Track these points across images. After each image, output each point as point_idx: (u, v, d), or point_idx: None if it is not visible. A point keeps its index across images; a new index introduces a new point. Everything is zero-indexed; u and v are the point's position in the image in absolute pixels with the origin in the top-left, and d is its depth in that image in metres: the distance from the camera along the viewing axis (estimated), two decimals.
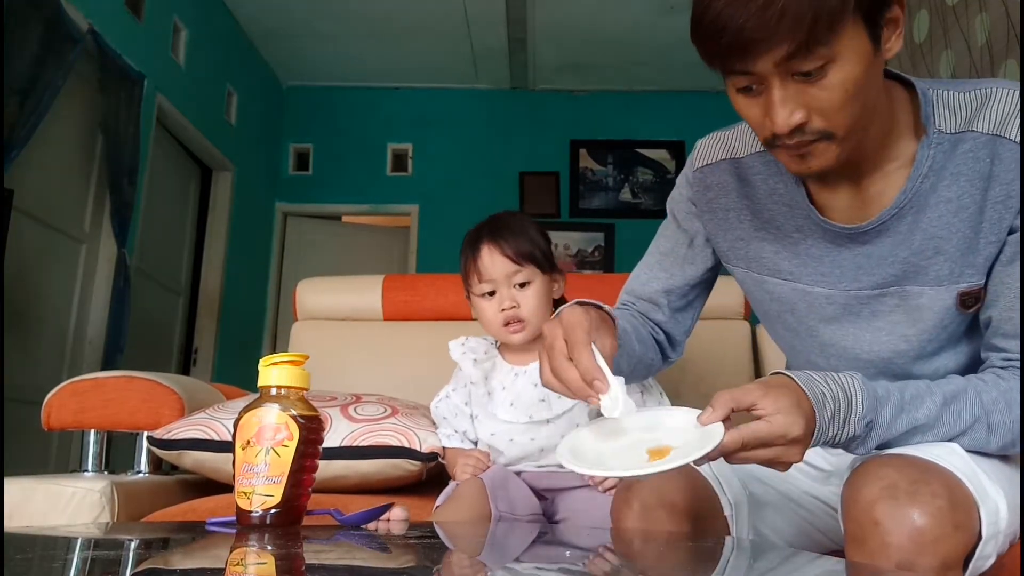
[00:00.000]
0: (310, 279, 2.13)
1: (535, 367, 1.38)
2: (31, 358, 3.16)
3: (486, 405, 1.40)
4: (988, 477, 0.83)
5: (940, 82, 0.91)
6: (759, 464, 0.81)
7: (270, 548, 0.71)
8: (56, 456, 3.32)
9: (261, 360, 0.88)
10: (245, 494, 0.84)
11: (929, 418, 0.86)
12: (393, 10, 4.87)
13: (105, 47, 3.43)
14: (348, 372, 1.90)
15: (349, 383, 1.77)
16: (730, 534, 0.99)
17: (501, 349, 1.46)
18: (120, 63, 3.57)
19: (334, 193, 5.80)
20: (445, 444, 1.44)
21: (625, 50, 5.30)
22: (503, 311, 1.36)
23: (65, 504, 1.31)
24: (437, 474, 1.46)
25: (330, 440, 1.41)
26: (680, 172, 1.13)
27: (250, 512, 0.83)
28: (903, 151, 0.90)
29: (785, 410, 0.78)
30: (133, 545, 0.79)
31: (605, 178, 5.83)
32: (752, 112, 0.84)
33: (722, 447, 0.77)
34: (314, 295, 2.07)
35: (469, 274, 1.40)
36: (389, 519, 0.91)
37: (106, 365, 3.44)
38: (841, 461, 1.07)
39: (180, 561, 0.70)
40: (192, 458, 1.44)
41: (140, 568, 0.65)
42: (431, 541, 0.83)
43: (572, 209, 5.77)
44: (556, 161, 5.82)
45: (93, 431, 1.56)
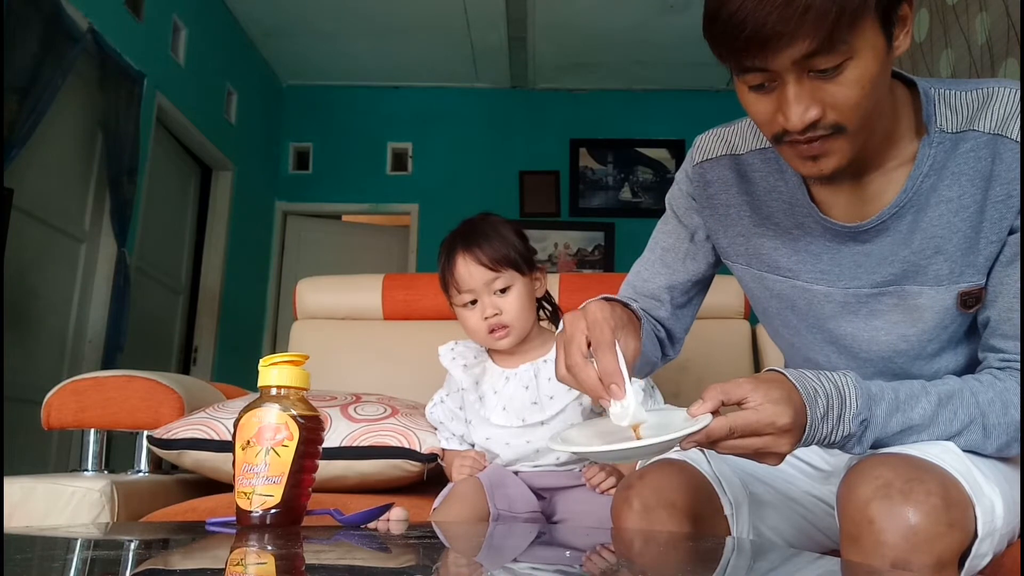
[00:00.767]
0: (310, 278, 2.13)
1: (524, 369, 1.39)
2: (31, 357, 3.16)
3: (479, 410, 1.40)
4: (984, 476, 0.83)
5: (942, 81, 0.91)
6: (749, 456, 0.81)
7: (270, 548, 0.71)
8: (56, 455, 3.32)
9: (261, 360, 0.88)
10: (245, 494, 0.84)
11: (924, 418, 0.85)
12: (393, 9, 4.87)
13: (105, 46, 3.43)
14: (348, 372, 1.90)
15: (349, 383, 1.77)
16: (730, 534, 0.99)
17: (491, 353, 1.46)
18: (120, 62, 3.56)
19: (334, 192, 5.80)
20: (444, 446, 1.44)
21: (625, 49, 5.30)
22: (486, 319, 1.36)
23: (65, 503, 1.31)
24: (438, 475, 1.46)
25: (330, 440, 1.41)
26: (677, 169, 1.13)
27: (250, 512, 0.83)
28: (904, 150, 0.89)
29: (774, 400, 0.78)
30: (133, 545, 0.79)
31: (605, 177, 5.83)
32: (762, 108, 0.82)
33: (708, 430, 0.77)
34: (314, 294, 2.07)
35: (448, 286, 1.39)
36: (389, 519, 0.91)
37: (106, 364, 3.44)
38: (839, 461, 1.07)
39: (180, 561, 0.70)
40: (192, 458, 1.44)
41: (140, 568, 0.65)
42: (431, 541, 0.83)
43: (572, 208, 5.77)
44: (556, 160, 5.81)
45: (93, 430, 1.56)
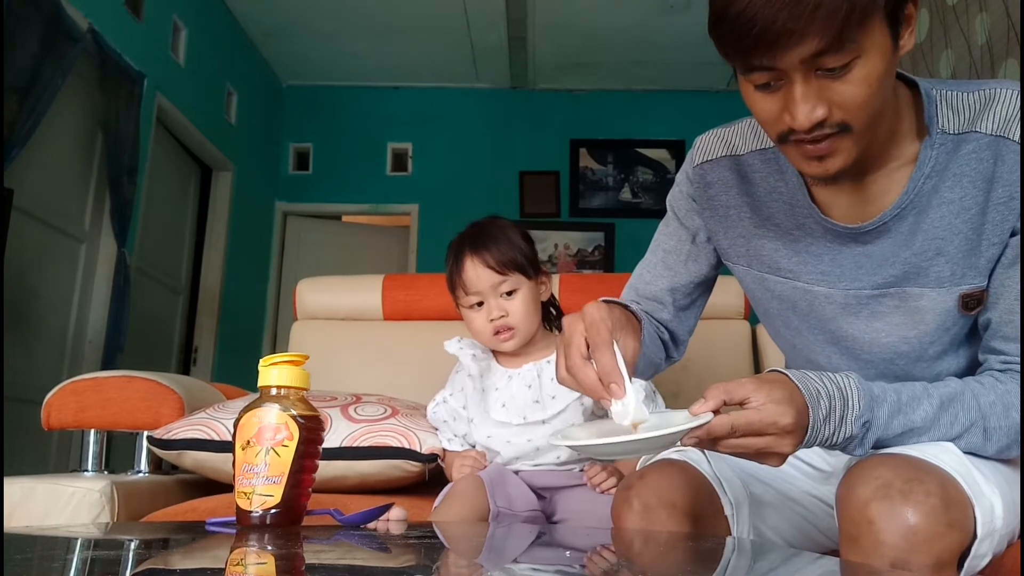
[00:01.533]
0: (310, 279, 2.13)
1: (528, 369, 1.39)
2: (31, 357, 3.16)
3: (480, 404, 1.41)
4: (984, 476, 0.83)
5: (944, 82, 0.91)
6: (750, 456, 0.81)
7: (270, 548, 0.71)
8: (56, 456, 3.32)
9: (261, 360, 0.88)
10: (245, 494, 0.84)
11: (926, 421, 0.85)
12: (393, 9, 4.87)
13: (105, 46, 3.43)
14: (348, 372, 1.90)
15: (349, 383, 1.77)
16: (731, 534, 0.99)
17: (495, 353, 1.47)
18: (120, 62, 3.57)
19: (334, 192, 5.80)
20: (445, 447, 1.45)
21: (625, 49, 5.30)
22: (492, 321, 1.37)
23: (65, 504, 1.31)
24: (438, 475, 1.46)
25: (330, 440, 1.41)
26: (677, 170, 1.13)
27: (250, 512, 0.83)
28: (906, 151, 0.89)
29: (776, 400, 0.78)
30: (133, 545, 0.79)
31: (605, 177, 5.83)
32: (767, 107, 0.82)
33: (710, 427, 0.77)
34: (314, 295, 2.07)
35: (455, 287, 1.41)
36: (388, 519, 0.91)
37: (106, 364, 3.44)
38: (839, 461, 1.07)
39: (180, 561, 0.70)
40: (192, 458, 1.44)
41: (140, 568, 0.65)
42: (431, 541, 0.83)
43: (572, 208, 5.77)
44: (556, 160, 5.81)
45: (93, 431, 1.56)
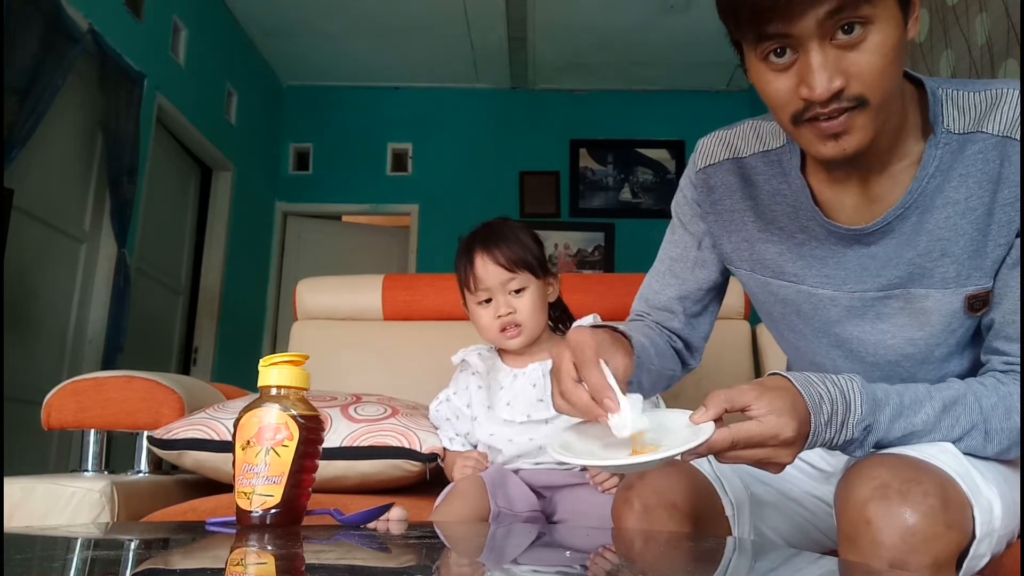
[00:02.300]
0: (310, 279, 2.13)
1: (532, 368, 1.40)
2: (31, 358, 3.16)
3: (484, 401, 1.42)
4: (982, 476, 0.83)
5: (950, 81, 0.90)
6: (750, 465, 0.81)
7: (270, 548, 0.71)
8: (56, 456, 3.32)
9: (261, 360, 0.88)
10: (245, 494, 0.83)
11: (927, 424, 0.85)
12: (393, 10, 4.87)
13: (105, 46, 3.43)
14: (348, 372, 1.90)
15: (349, 383, 1.77)
16: (731, 534, 0.99)
17: (500, 353, 1.48)
18: (120, 62, 3.57)
19: (334, 193, 5.80)
20: (446, 447, 1.45)
21: (625, 50, 5.30)
22: (499, 317, 1.39)
23: (65, 504, 1.31)
24: (439, 475, 1.46)
25: (330, 440, 1.41)
26: (680, 172, 1.13)
27: (250, 512, 0.83)
28: (910, 150, 0.88)
29: (779, 411, 0.77)
30: (133, 545, 0.79)
31: (605, 178, 5.83)
32: (781, 85, 0.80)
33: (710, 444, 0.77)
34: (314, 295, 2.07)
35: (464, 284, 1.43)
36: (388, 519, 0.91)
37: (106, 365, 3.44)
38: (840, 462, 1.07)
39: (180, 561, 0.70)
40: (192, 458, 1.44)
41: (140, 568, 0.65)
42: (431, 541, 0.83)
43: (572, 209, 5.77)
44: (556, 161, 5.81)
45: (93, 431, 1.56)
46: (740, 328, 1.96)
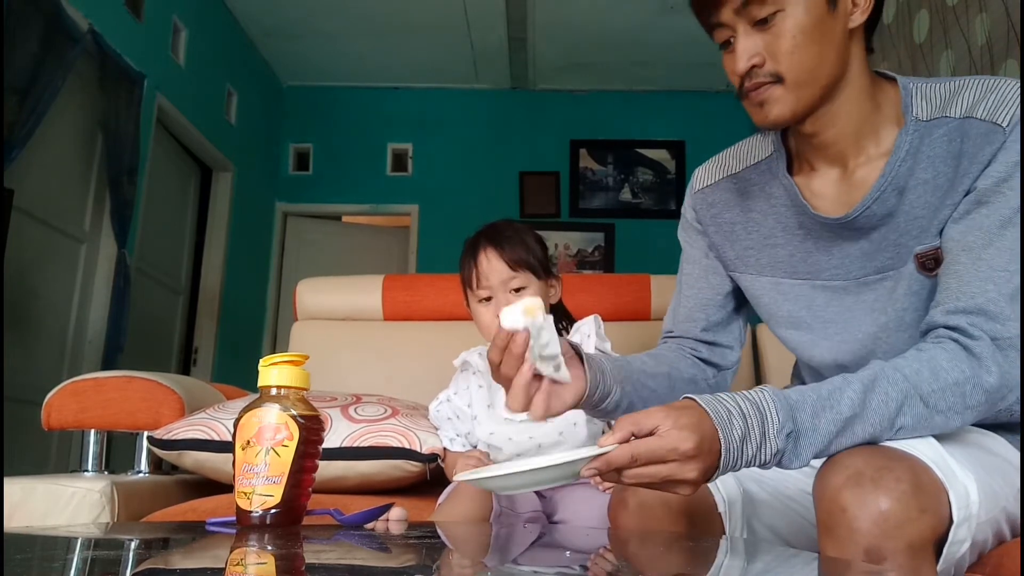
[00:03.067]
0: (310, 279, 2.13)
1: None
2: (31, 358, 3.17)
3: (485, 400, 1.42)
4: (957, 462, 0.83)
5: (923, 79, 0.98)
6: (657, 486, 0.80)
7: (270, 548, 0.71)
8: (56, 456, 3.32)
9: (261, 360, 0.88)
10: (245, 494, 0.84)
11: (855, 407, 0.83)
12: (393, 10, 4.87)
13: (105, 47, 3.43)
14: (348, 372, 1.90)
15: (349, 383, 1.77)
16: (724, 532, 1.00)
17: None
18: (120, 63, 3.57)
19: (334, 193, 5.80)
20: (447, 447, 1.45)
21: (625, 50, 5.30)
22: (498, 316, 1.38)
23: (65, 504, 1.31)
24: (439, 475, 1.47)
25: (330, 441, 1.41)
26: (681, 173, 1.18)
27: (250, 512, 0.83)
28: (885, 139, 0.96)
29: (680, 426, 0.78)
30: (133, 545, 0.79)
31: (605, 178, 5.83)
32: (728, 65, 0.95)
33: (608, 457, 0.77)
34: (314, 295, 2.07)
35: (468, 280, 1.43)
36: (388, 519, 0.91)
37: (106, 365, 3.44)
38: None
39: (180, 561, 0.70)
40: (192, 458, 1.44)
41: (140, 568, 0.65)
42: (431, 541, 0.83)
43: (572, 209, 5.77)
44: (556, 161, 5.81)
45: (93, 431, 1.56)
46: None
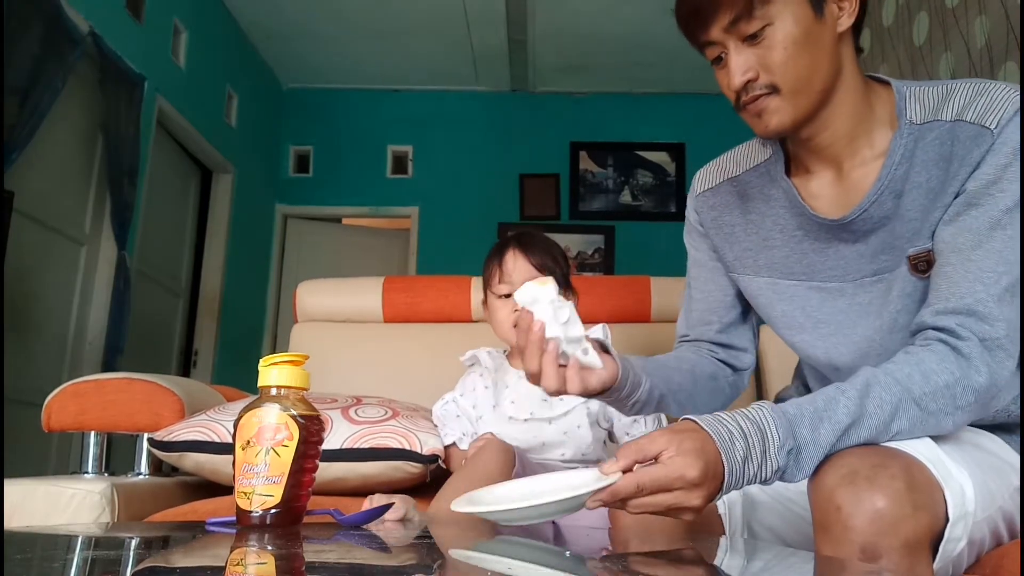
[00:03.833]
0: (310, 281, 2.13)
1: None
2: (31, 360, 3.16)
3: (490, 401, 1.44)
4: (953, 460, 0.84)
5: (917, 83, 0.99)
6: (661, 513, 0.80)
7: (270, 548, 0.71)
8: (56, 458, 3.32)
9: (261, 360, 0.88)
10: (245, 494, 0.83)
11: (852, 414, 0.84)
12: (393, 12, 4.88)
13: (105, 49, 3.43)
14: (348, 374, 1.90)
15: (349, 385, 1.77)
16: (724, 532, 1.00)
17: (508, 355, 1.52)
18: (120, 65, 3.57)
19: (334, 195, 5.80)
20: (456, 443, 1.47)
21: (625, 52, 5.31)
22: (515, 312, 1.41)
23: (65, 506, 1.31)
24: (440, 476, 1.47)
25: (331, 442, 1.41)
26: (680, 175, 1.20)
27: (250, 512, 0.83)
28: (879, 141, 0.98)
29: (684, 452, 0.78)
30: (133, 545, 0.79)
31: (605, 180, 5.83)
32: (723, 81, 0.97)
33: (614, 488, 0.77)
34: (314, 297, 2.07)
35: (491, 274, 1.48)
36: (385, 520, 0.91)
37: (106, 367, 3.44)
38: None
39: (180, 561, 0.70)
40: (192, 460, 1.44)
41: (140, 568, 0.65)
42: (431, 541, 0.83)
43: (572, 211, 5.77)
44: (556, 163, 5.82)
45: (93, 433, 1.56)
46: None
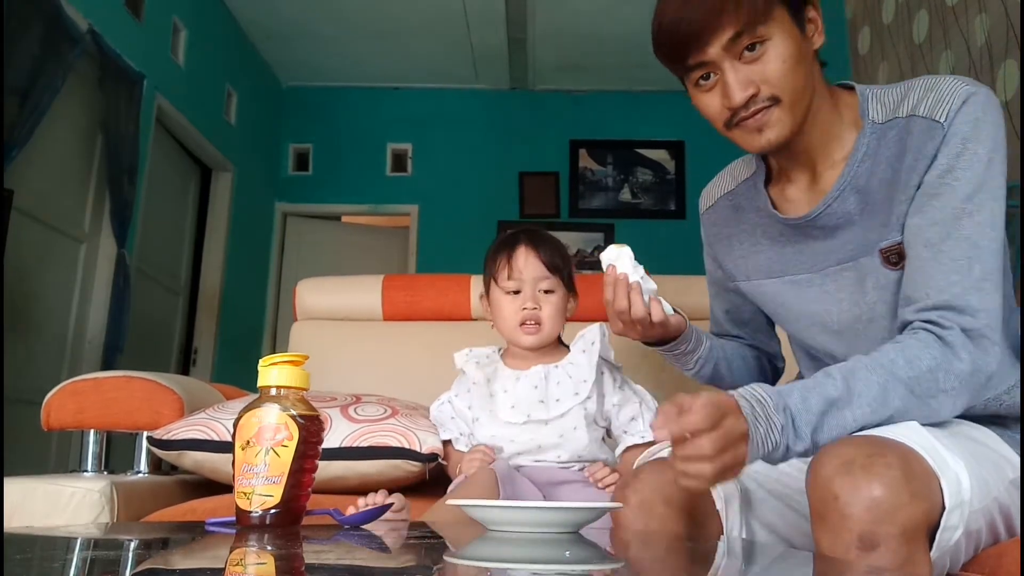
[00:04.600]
0: (310, 279, 2.13)
1: (535, 371, 1.42)
2: (31, 358, 3.16)
3: (487, 406, 1.42)
4: (948, 449, 0.84)
5: (879, 86, 1.05)
6: (709, 467, 0.82)
7: (270, 548, 0.71)
8: (56, 456, 3.32)
9: (261, 360, 0.88)
10: (245, 494, 0.84)
11: (839, 390, 0.88)
12: (393, 11, 4.87)
13: (105, 47, 3.43)
14: (348, 372, 1.90)
15: (349, 383, 1.77)
16: (721, 530, 1.00)
17: (504, 355, 1.49)
18: (120, 63, 3.57)
19: (334, 193, 5.80)
20: (452, 442, 1.46)
21: (625, 50, 5.30)
22: (524, 310, 1.40)
23: (65, 504, 1.31)
24: (439, 474, 1.47)
25: (330, 441, 1.41)
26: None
27: (250, 512, 0.83)
28: (846, 143, 1.03)
29: (710, 398, 0.83)
30: (133, 545, 0.79)
31: (605, 178, 5.83)
32: (712, 102, 0.99)
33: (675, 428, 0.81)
34: (314, 295, 2.07)
35: (499, 269, 1.44)
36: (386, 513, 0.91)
37: (106, 365, 3.44)
38: None
39: (180, 561, 0.70)
40: (192, 458, 1.44)
41: (140, 568, 0.65)
42: (431, 541, 0.84)
43: (572, 209, 5.77)
44: (556, 161, 5.81)
45: (93, 431, 1.56)
46: None
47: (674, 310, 1.19)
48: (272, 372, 0.87)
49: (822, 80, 1.02)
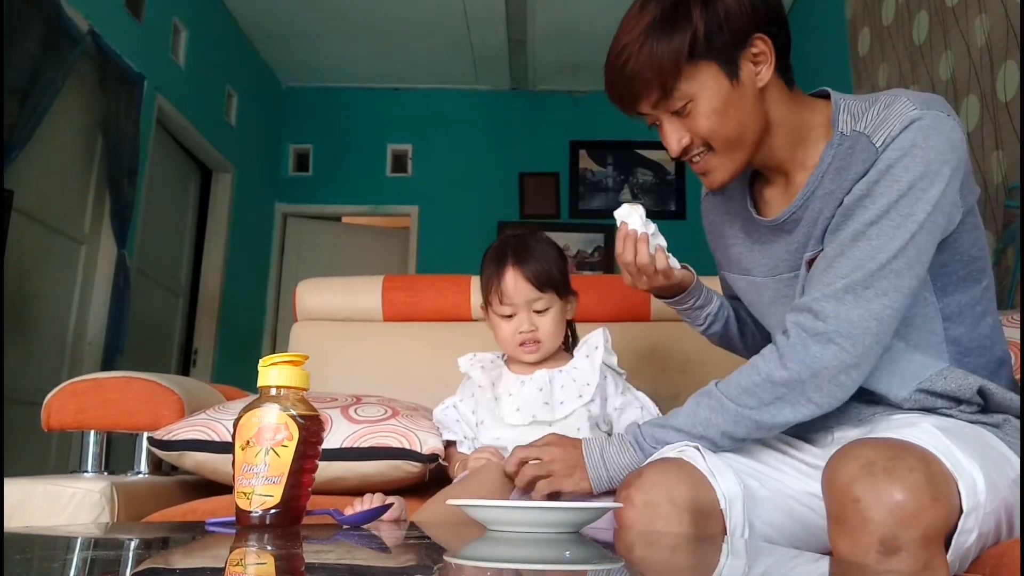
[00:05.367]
0: (310, 280, 2.13)
1: (540, 375, 1.43)
2: (31, 359, 3.16)
3: (493, 410, 1.43)
4: (962, 452, 0.84)
5: (853, 96, 1.07)
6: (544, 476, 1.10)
7: (270, 548, 0.71)
8: (56, 457, 3.32)
9: (261, 360, 0.88)
10: (245, 494, 0.83)
11: (674, 414, 1.07)
12: (393, 11, 4.88)
13: (105, 48, 3.43)
14: (348, 373, 1.90)
15: (349, 384, 1.77)
16: (725, 529, 1.00)
17: (508, 361, 1.50)
18: (120, 64, 3.57)
19: (334, 194, 5.80)
20: (456, 445, 1.46)
21: None
22: (520, 333, 1.41)
23: (65, 505, 1.31)
24: (439, 475, 1.47)
25: (330, 441, 1.41)
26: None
27: (250, 512, 0.83)
28: (817, 151, 1.06)
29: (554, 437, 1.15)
30: (133, 545, 0.79)
31: (605, 179, 5.83)
32: (664, 142, 1.09)
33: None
34: (314, 296, 2.07)
35: (491, 294, 1.44)
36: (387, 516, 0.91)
37: (106, 366, 3.44)
38: (828, 453, 1.08)
39: (180, 561, 0.70)
40: (192, 459, 1.44)
41: (140, 568, 0.65)
42: (431, 541, 0.83)
43: (572, 210, 5.77)
44: (556, 162, 5.81)
45: (93, 432, 1.56)
46: None
47: (682, 266, 1.26)
48: (272, 372, 0.87)
49: (785, 103, 1.05)
